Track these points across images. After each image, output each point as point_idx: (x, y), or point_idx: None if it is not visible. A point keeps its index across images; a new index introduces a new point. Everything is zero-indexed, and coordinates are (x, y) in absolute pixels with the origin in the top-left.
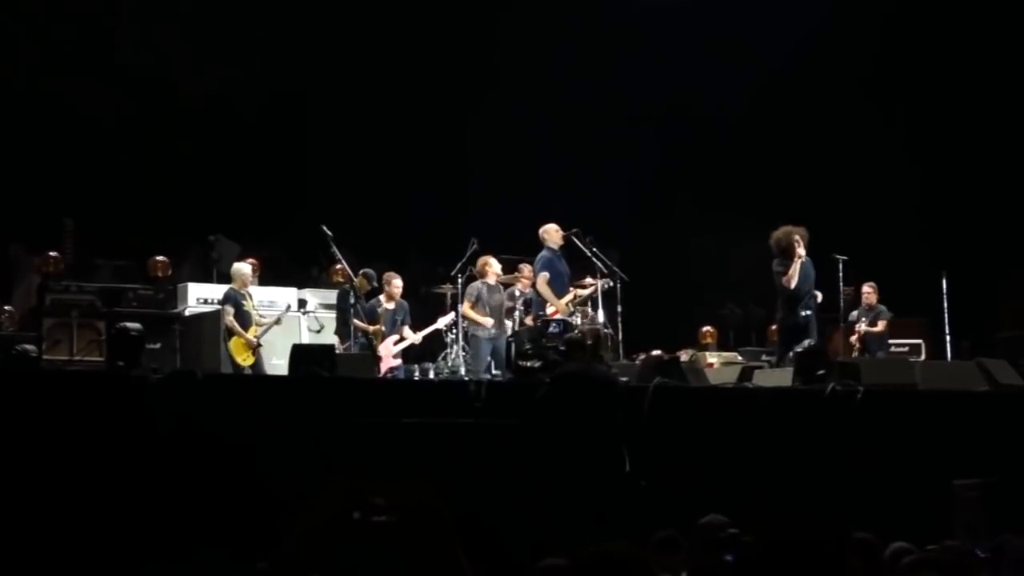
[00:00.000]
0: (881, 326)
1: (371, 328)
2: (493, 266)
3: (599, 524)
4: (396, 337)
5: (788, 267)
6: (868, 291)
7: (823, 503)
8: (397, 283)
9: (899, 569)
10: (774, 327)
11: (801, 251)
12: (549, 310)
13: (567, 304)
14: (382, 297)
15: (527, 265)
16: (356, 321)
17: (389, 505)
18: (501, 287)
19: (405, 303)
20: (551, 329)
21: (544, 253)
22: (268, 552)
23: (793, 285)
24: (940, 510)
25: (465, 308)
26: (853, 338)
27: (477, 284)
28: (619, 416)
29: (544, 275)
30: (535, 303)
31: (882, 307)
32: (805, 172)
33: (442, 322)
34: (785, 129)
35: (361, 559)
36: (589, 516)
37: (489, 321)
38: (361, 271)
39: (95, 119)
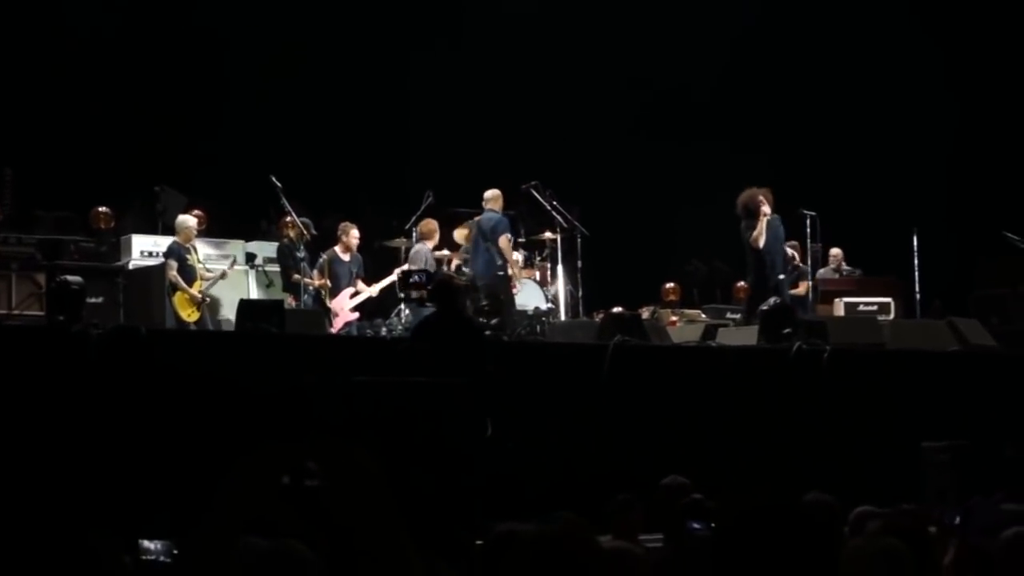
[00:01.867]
0: (802, 288)
1: (317, 282)
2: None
3: (560, 487)
4: (352, 290)
5: (755, 227)
6: (790, 250)
7: (782, 465)
8: (355, 234)
9: (864, 534)
10: (740, 284)
11: (766, 209)
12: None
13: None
14: (337, 248)
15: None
16: (296, 276)
17: (320, 469)
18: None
19: (359, 256)
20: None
21: (501, 216)
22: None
23: (761, 244)
24: (909, 473)
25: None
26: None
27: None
28: (488, 366)
29: (508, 236)
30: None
31: (805, 267)
32: (772, 125)
33: (396, 274)
34: (755, 81)
35: (291, 525)
36: (545, 480)
37: None
38: (300, 220)
39: (34, 64)
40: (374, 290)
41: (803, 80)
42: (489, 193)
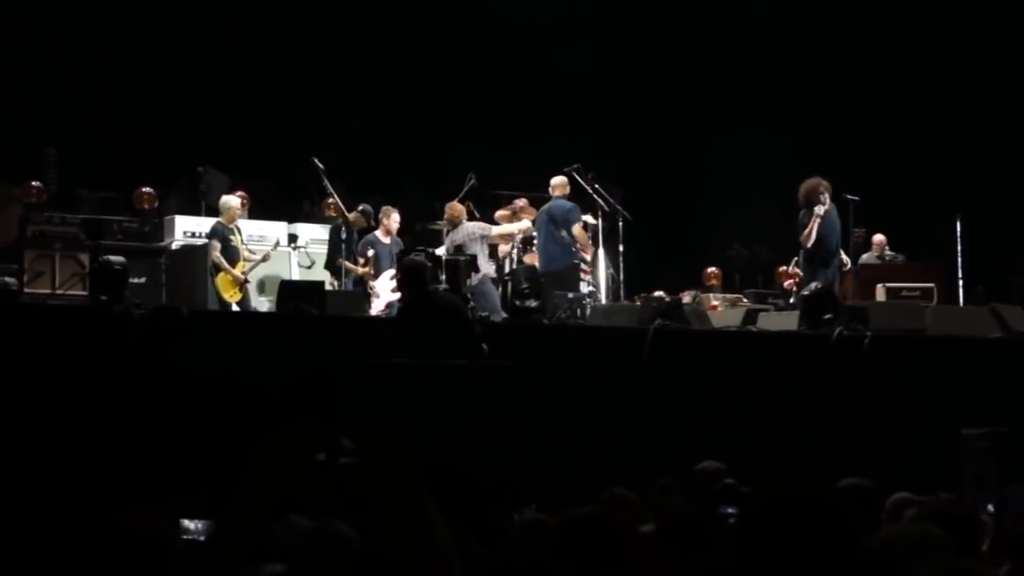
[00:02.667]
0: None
1: (360, 269)
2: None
3: (597, 471)
4: (393, 272)
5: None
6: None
7: (820, 451)
8: (395, 218)
9: (901, 521)
10: (782, 269)
11: (819, 210)
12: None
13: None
14: (379, 232)
15: (523, 200)
16: (345, 261)
17: (355, 447)
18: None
19: (400, 240)
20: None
21: (573, 204)
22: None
23: (810, 244)
24: (948, 460)
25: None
26: (788, 283)
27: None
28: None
29: (581, 223)
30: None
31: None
32: (813, 111)
33: (441, 250)
34: (794, 66)
35: (324, 501)
36: (583, 463)
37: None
38: (360, 207)
39: (80, 45)
40: None
41: (842, 63)
42: (556, 180)
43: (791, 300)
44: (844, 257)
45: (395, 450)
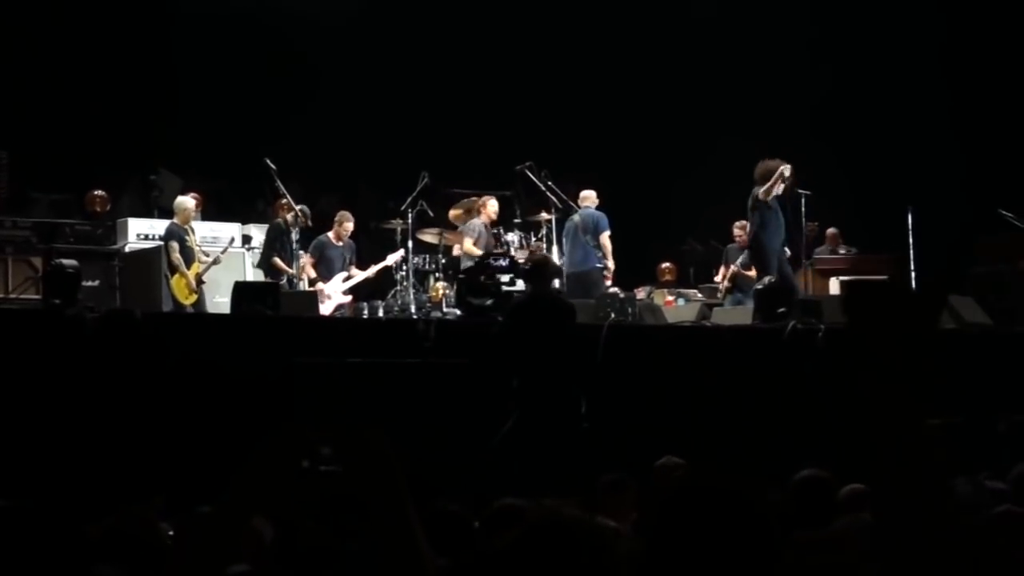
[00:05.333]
0: (755, 271)
1: (289, 270)
2: (490, 207)
3: (550, 468)
4: (345, 274)
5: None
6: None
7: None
8: (348, 226)
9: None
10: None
11: (784, 169)
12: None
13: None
14: (330, 235)
15: (490, 198)
16: (277, 259)
17: (338, 454)
18: (493, 231)
19: (352, 243)
20: (495, 263)
21: (602, 213)
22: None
23: (769, 198)
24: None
25: (468, 246)
26: (719, 277)
27: (478, 222)
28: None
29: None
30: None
31: None
32: (765, 103)
33: (391, 259)
34: (742, 53)
35: (308, 509)
36: (541, 459)
37: None
38: (299, 207)
39: (28, 45)
40: (369, 272)
41: (792, 55)
42: (587, 192)
43: (719, 295)
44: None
45: (379, 456)
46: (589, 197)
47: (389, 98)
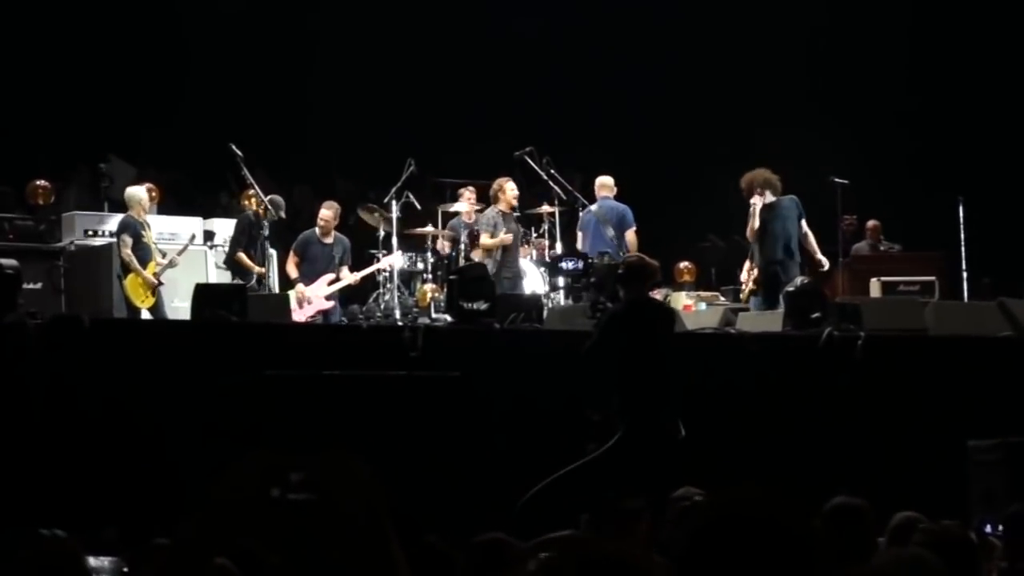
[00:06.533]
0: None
1: (258, 268)
2: (509, 191)
3: (558, 494)
4: (330, 276)
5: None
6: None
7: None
8: (326, 213)
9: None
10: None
11: (754, 199)
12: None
13: None
14: (317, 231)
15: (468, 190)
16: (242, 255)
17: (310, 481)
18: (514, 215)
19: (346, 239)
20: (565, 265)
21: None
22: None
23: (752, 236)
24: (953, 474)
25: (485, 240)
26: (744, 275)
27: (492, 212)
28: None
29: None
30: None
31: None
32: (798, 85)
33: (385, 262)
34: (776, 38)
35: (279, 541)
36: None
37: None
38: (268, 197)
39: None
40: (356, 277)
41: (829, 38)
42: (605, 180)
43: (742, 297)
44: (820, 256)
45: (356, 483)
46: (607, 185)
47: (368, 77)
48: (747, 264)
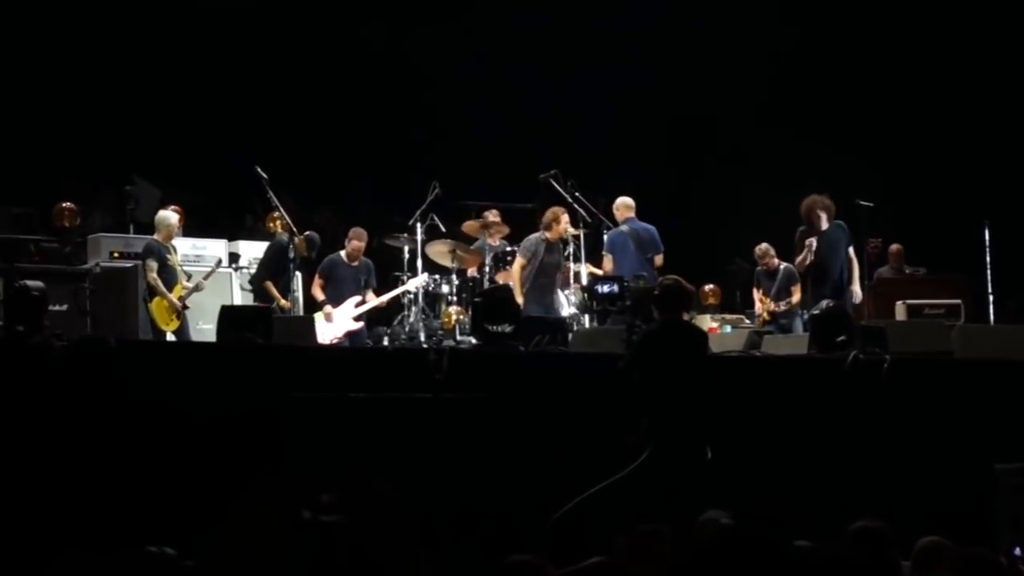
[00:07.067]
0: (796, 297)
1: (283, 301)
2: (563, 223)
3: (587, 514)
4: (357, 299)
5: (809, 234)
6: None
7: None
8: (357, 244)
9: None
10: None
11: (823, 225)
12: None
13: None
14: (343, 253)
15: (492, 212)
16: (268, 283)
17: (340, 502)
18: (561, 246)
19: (370, 262)
20: (601, 289)
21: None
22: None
23: (803, 269)
24: (980, 499)
25: (516, 265)
26: (757, 306)
27: (535, 238)
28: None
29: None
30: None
31: (787, 266)
32: (822, 108)
33: (413, 284)
34: (803, 66)
35: (309, 563)
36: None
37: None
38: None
39: None
40: (383, 299)
41: (852, 61)
42: (628, 200)
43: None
44: (856, 289)
45: (386, 504)
46: (630, 206)
47: (393, 100)
48: (758, 294)
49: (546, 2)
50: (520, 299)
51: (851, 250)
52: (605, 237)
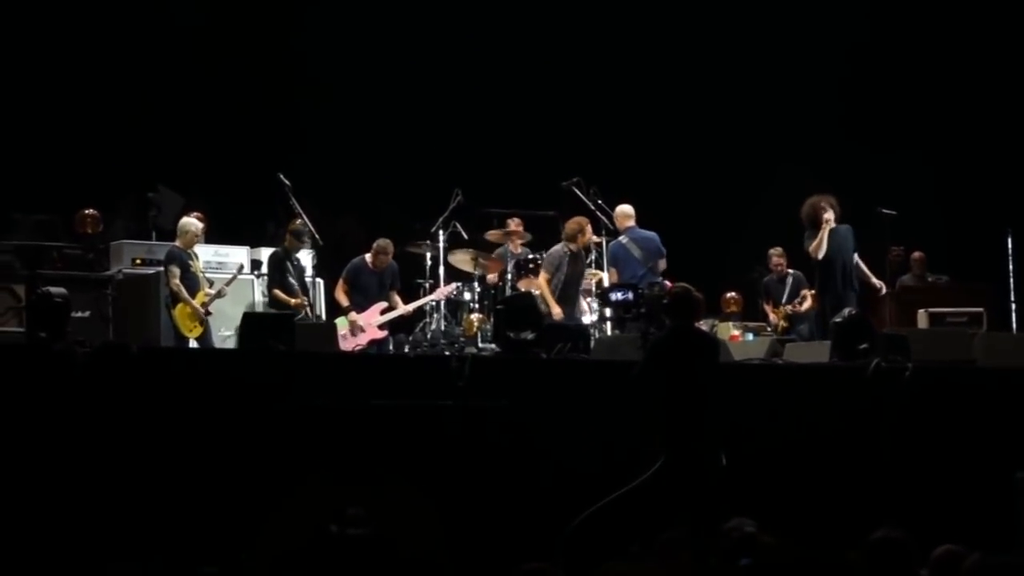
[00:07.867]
0: (809, 301)
1: (294, 301)
2: (589, 233)
3: (602, 523)
4: (383, 304)
5: (815, 236)
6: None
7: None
8: (384, 258)
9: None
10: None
11: (829, 216)
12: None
13: None
14: (368, 258)
15: (515, 220)
16: (276, 291)
17: (367, 515)
18: (583, 254)
19: (394, 263)
20: (615, 296)
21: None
22: (212, 558)
23: (821, 255)
24: (1001, 507)
25: (541, 280)
26: (772, 317)
27: (559, 250)
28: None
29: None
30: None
31: (796, 273)
32: (842, 115)
33: (440, 292)
34: (820, 68)
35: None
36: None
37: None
38: (290, 228)
39: (11, 53)
40: (410, 308)
41: (874, 68)
42: (628, 208)
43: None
44: (875, 280)
45: (414, 516)
46: (630, 214)
47: (415, 106)
48: (768, 305)
49: (570, 8)
50: (556, 309)
51: (857, 256)
52: (605, 249)
